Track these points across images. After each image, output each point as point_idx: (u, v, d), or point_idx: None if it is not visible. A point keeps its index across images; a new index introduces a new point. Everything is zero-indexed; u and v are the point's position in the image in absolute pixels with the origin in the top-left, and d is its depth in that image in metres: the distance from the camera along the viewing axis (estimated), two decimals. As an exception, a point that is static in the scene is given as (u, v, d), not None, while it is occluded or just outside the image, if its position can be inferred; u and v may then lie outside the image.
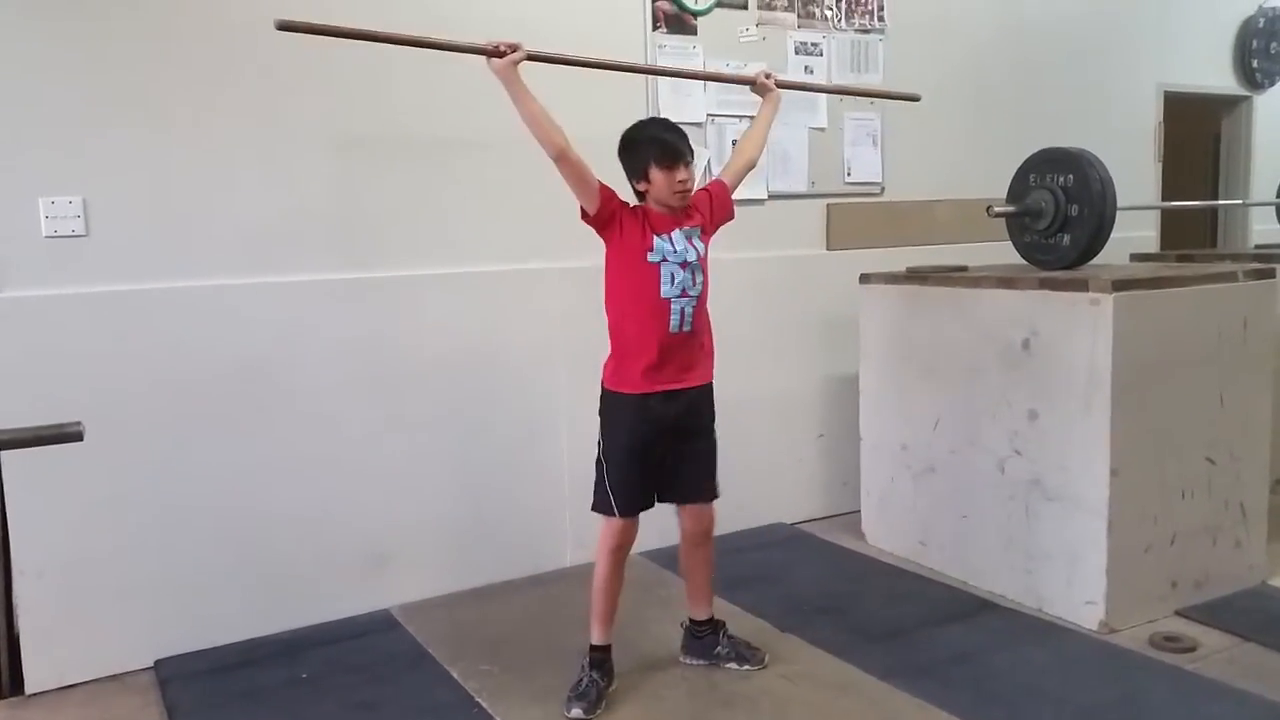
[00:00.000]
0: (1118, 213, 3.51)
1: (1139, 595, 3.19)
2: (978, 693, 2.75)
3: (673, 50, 3.95)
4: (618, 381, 2.75)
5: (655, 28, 3.92)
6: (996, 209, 3.72)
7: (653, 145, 2.68)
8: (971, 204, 4.19)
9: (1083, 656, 2.98)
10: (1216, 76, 5.93)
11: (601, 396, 2.80)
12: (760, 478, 4.21)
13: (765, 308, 4.17)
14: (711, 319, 2.83)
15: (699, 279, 2.74)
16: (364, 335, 3.43)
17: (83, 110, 2.99)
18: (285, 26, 2.50)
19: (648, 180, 2.69)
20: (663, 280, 2.68)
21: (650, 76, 3.89)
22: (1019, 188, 3.75)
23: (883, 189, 4.57)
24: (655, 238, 2.68)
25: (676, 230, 2.72)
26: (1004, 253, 3.96)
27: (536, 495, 3.77)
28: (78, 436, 1.81)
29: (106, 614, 3.09)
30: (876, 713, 2.67)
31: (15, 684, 3.01)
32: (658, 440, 2.74)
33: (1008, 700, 2.72)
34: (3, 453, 2.93)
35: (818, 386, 4.42)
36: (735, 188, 2.94)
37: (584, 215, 2.69)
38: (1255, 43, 6.00)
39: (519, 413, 3.73)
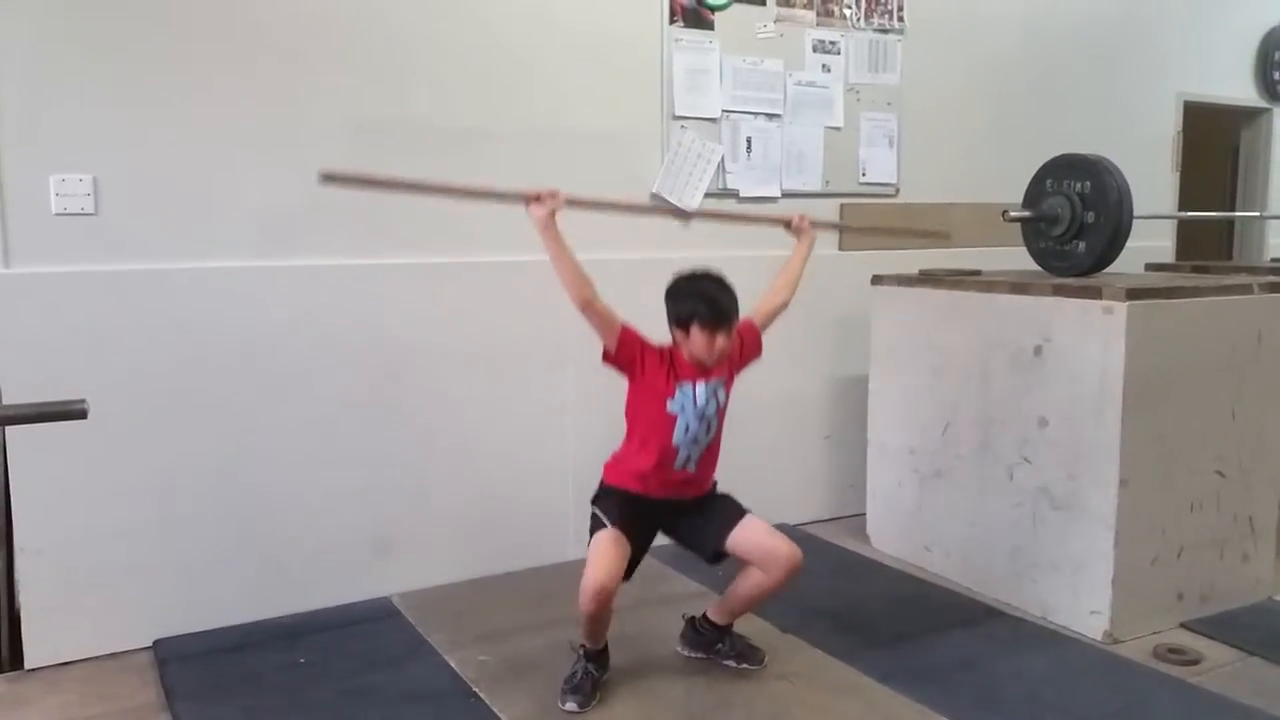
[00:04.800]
0: (1134, 221, 3.48)
1: (1144, 607, 3.16)
2: (979, 699, 2.73)
3: (689, 45, 3.93)
4: (616, 478, 2.78)
5: (672, 21, 3.90)
6: (1012, 214, 3.70)
7: (702, 303, 2.65)
8: (987, 208, 4.16)
9: (1086, 666, 2.96)
10: (1237, 88, 5.89)
11: (600, 484, 2.83)
12: (765, 478, 4.18)
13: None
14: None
15: (713, 429, 2.75)
16: (373, 322, 3.41)
17: (95, 88, 2.98)
18: (329, 179, 2.44)
19: (687, 334, 2.68)
20: (676, 430, 2.69)
21: (665, 68, 3.87)
22: (1035, 193, 3.72)
23: (897, 190, 4.54)
24: (678, 386, 2.69)
25: (701, 382, 2.71)
26: (1018, 258, 3.94)
27: (540, 488, 3.75)
28: (82, 414, 1.79)
29: (107, 593, 3.08)
30: (876, 716, 2.65)
31: (15, 659, 3.02)
32: (655, 514, 2.77)
33: (1009, 708, 2.70)
34: (7, 428, 2.93)
35: (826, 387, 4.40)
36: (766, 327, 2.93)
37: (605, 356, 2.71)
38: (1277, 55, 5.96)
39: (525, 405, 3.71)
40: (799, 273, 3.02)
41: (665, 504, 2.78)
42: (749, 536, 2.78)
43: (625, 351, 2.69)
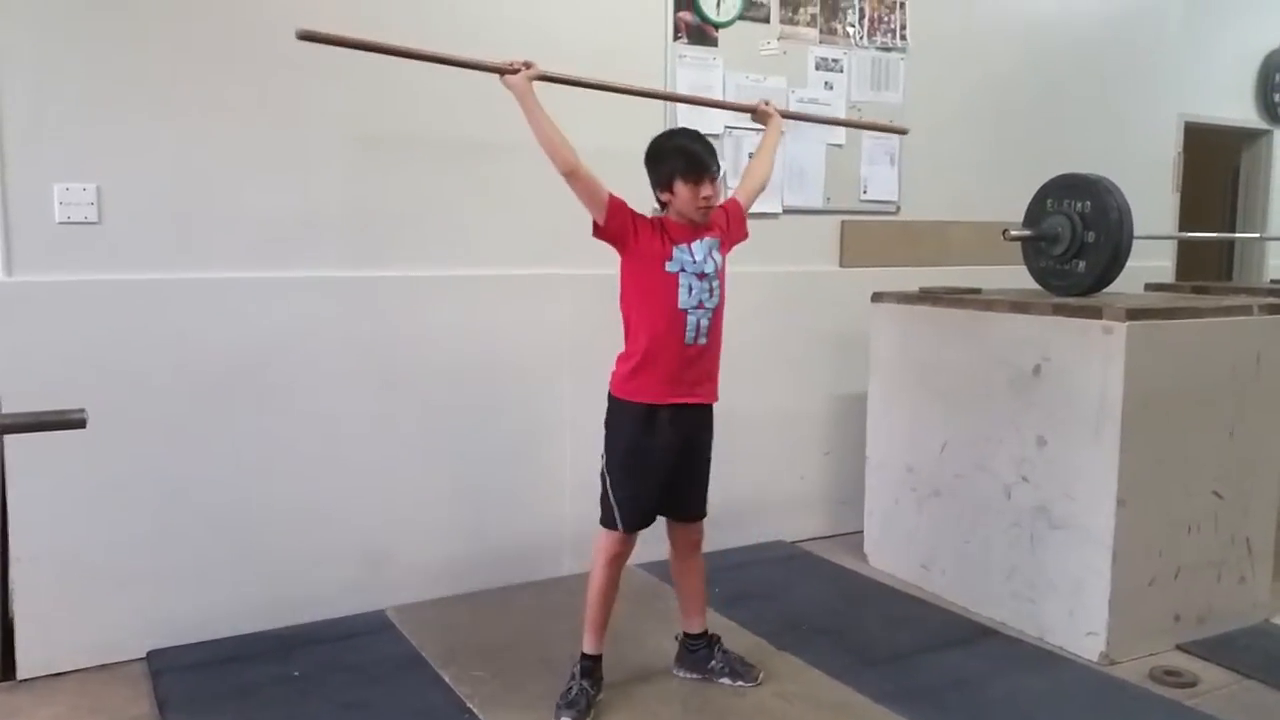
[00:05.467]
0: (1134, 241, 3.48)
1: (1141, 628, 3.15)
2: (974, 719, 2.73)
3: (693, 61, 3.95)
4: (628, 390, 2.73)
5: (676, 37, 3.92)
6: (1012, 232, 3.70)
7: (679, 157, 2.67)
8: (987, 226, 4.17)
9: (1082, 687, 2.95)
10: (1238, 109, 5.92)
11: (609, 404, 2.78)
12: (763, 494, 4.19)
13: (776, 322, 4.16)
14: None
15: (715, 291, 2.73)
16: (371, 334, 3.42)
17: (100, 98, 2.99)
18: (306, 36, 2.51)
19: (671, 192, 2.68)
20: (680, 290, 2.67)
21: (668, 84, 3.88)
22: (1036, 212, 3.73)
23: (898, 208, 4.55)
24: (674, 247, 2.67)
25: (696, 241, 2.71)
26: (1018, 277, 3.94)
27: (536, 502, 3.75)
28: (80, 423, 1.79)
29: (101, 603, 3.08)
30: (871, 736, 2.65)
31: (8, 669, 3.00)
32: (662, 457, 2.73)
33: (1004, 729, 2.69)
34: (5, 436, 2.93)
35: (825, 404, 4.40)
36: (749, 208, 2.94)
37: (596, 229, 2.68)
38: (1277, 77, 5.99)
39: (522, 419, 3.71)
40: (772, 153, 3.05)
41: (677, 422, 2.72)
42: (691, 534, 2.90)
43: (616, 220, 2.65)
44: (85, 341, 3.01)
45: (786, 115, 3.18)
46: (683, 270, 2.67)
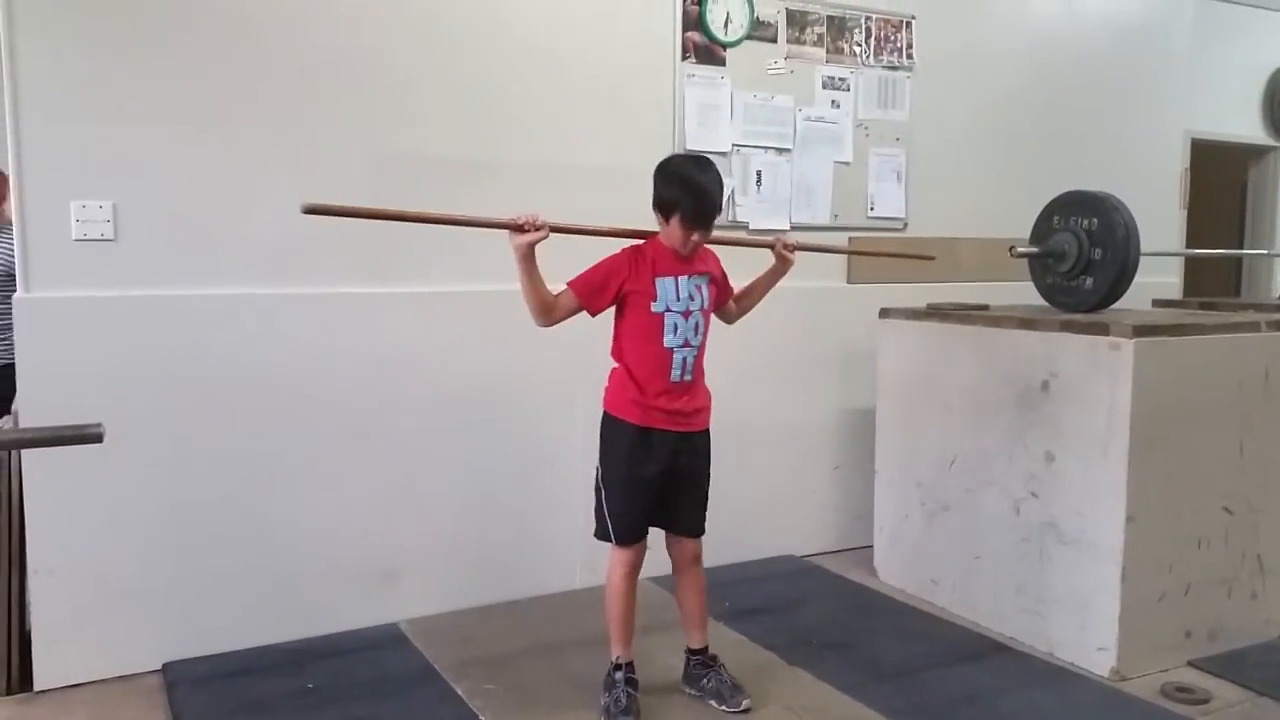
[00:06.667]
0: (1141, 258, 3.50)
1: (1152, 644, 3.15)
2: (985, 735, 2.73)
3: (701, 80, 3.98)
4: (620, 408, 2.78)
5: (685, 57, 3.95)
6: (1019, 249, 3.72)
7: (689, 199, 2.66)
8: (994, 243, 4.19)
9: (1093, 703, 2.94)
10: (1244, 126, 5.92)
11: (603, 419, 2.82)
12: (773, 508, 4.20)
13: (784, 338, 4.17)
14: (730, 347, 2.84)
15: (701, 329, 2.76)
16: (384, 350, 3.44)
17: (117, 116, 3.04)
18: (312, 210, 2.46)
19: (666, 222, 2.71)
20: (666, 330, 2.71)
21: (678, 105, 3.92)
22: (1042, 229, 3.74)
23: (905, 224, 4.57)
24: (656, 281, 2.71)
25: (683, 276, 2.73)
26: (1025, 293, 3.95)
27: (548, 516, 3.76)
28: (97, 438, 1.82)
29: (117, 615, 3.10)
30: (881, 751, 2.65)
31: (24, 680, 3.03)
32: (655, 474, 2.77)
33: (1015, 744, 2.69)
34: (23, 451, 2.96)
35: (834, 419, 4.41)
36: (726, 306, 2.97)
37: (593, 314, 2.76)
38: (1285, 93, 5.99)
39: (534, 433, 3.73)
40: (757, 300, 3.06)
41: (666, 443, 2.75)
42: (688, 548, 2.90)
43: (596, 302, 2.73)
44: (102, 357, 3.04)
45: (803, 249, 3.06)
46: (668, 310, 2.71)
